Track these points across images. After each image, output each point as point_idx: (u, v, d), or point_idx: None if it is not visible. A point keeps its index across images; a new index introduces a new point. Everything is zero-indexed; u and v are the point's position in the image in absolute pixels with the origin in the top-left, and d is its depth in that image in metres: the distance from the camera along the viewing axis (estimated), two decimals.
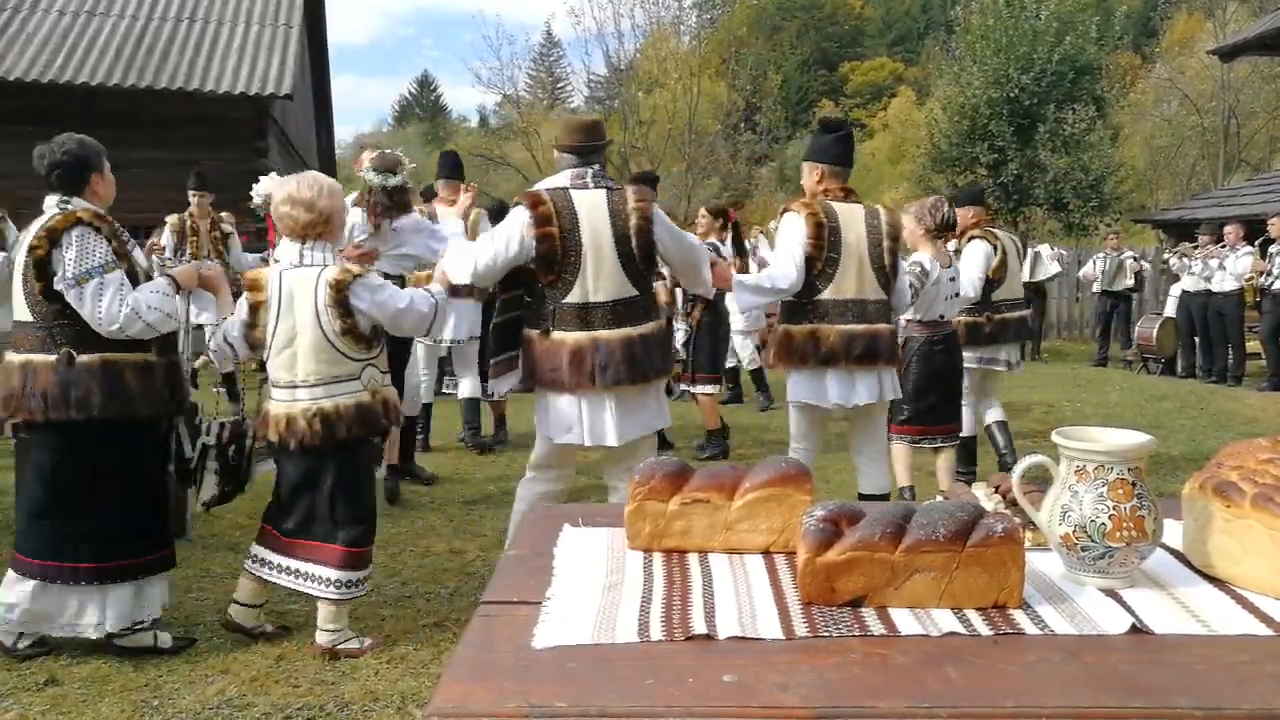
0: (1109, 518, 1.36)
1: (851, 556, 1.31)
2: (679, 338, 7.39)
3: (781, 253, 4.27)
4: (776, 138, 28.28)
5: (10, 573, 3.46)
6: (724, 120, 25.78)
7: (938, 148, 20.14)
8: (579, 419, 3.77)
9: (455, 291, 3.91)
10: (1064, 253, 14.01)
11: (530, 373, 3.84)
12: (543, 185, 3.91)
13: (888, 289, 4.33)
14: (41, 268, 3.31)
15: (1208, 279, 11.34)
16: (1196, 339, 11.96)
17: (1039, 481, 1.63)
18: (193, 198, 8.50)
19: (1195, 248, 11.80)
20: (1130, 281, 13.08)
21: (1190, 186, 29.60)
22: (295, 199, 3.45)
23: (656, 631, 1.24)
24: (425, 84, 62.40)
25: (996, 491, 1.72)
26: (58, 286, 3.31)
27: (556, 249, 3.68)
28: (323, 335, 3.40)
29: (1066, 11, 19.16)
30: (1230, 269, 11.16)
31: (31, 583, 3.41)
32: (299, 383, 3.43)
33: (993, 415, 6.45)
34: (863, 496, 4.52)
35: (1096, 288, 13.64)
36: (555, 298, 3.73)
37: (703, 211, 7.94)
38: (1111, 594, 1.37)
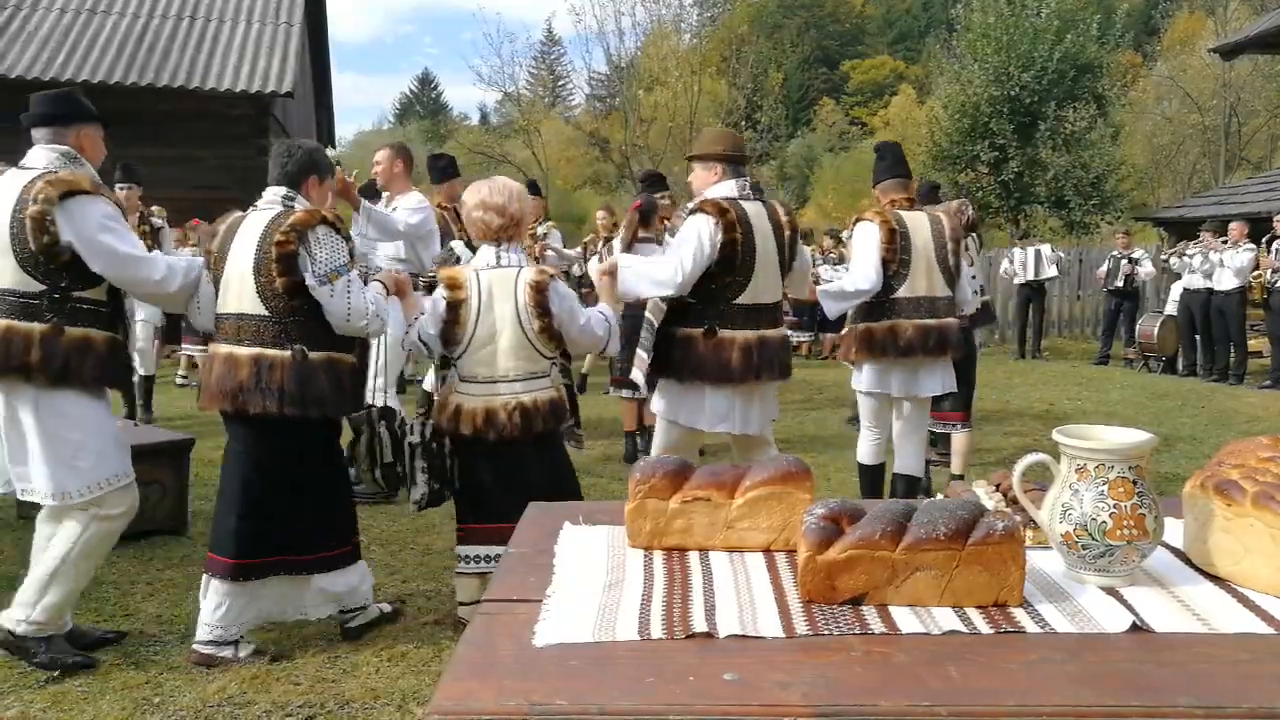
0: (1110, 516, 1.36)
1: (852, 555, 1.31)
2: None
3: (859, 259, 4.71)
4: (777, 136, 28.30)
5: (214, 581, 3.43)
6: (725, 118, 25.79)
7: (939, 146, 20.17)
8: (734, 410, 4.14)
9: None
10: (1063, 255, 13.95)
11: (690, 368, 4.08)
12: (713, 194, 4.12)
13: (952, 286, 4.81)
14: (289, 262, 3.33)
15: (1208, 275, 11.32)
16: (1198, 337, 11.96)
17: (1040, 480, 1.63)
18: (120, 191, 7.97)
19: (1196, 243, 11.79)
20: (1119, 283, 13.05)
21: (1191, 185, 29.59)
22: (488, 204, 3.60)
23: (657, 630, 1.24)
24: (426, 82, 62.39)
25: (997, 490, 1.72)
26: (309, 282, 3.34)
27: (737, 254, 4.01)
28: (522, 333, 3.53)
29: (1067, 10, 19.18)
30: (1229, 264, 11.14)
31: (248, 583, 3.44)
32: (498, 378, 3.55)
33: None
34: (897, 476, 4.97)
35: (1103, 285, 13.61)
36: (726, 298, 4.06)
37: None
38: (1112, 592, 1.37)
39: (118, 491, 3.42)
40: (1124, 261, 12.94)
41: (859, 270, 4.67)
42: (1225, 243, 11.29)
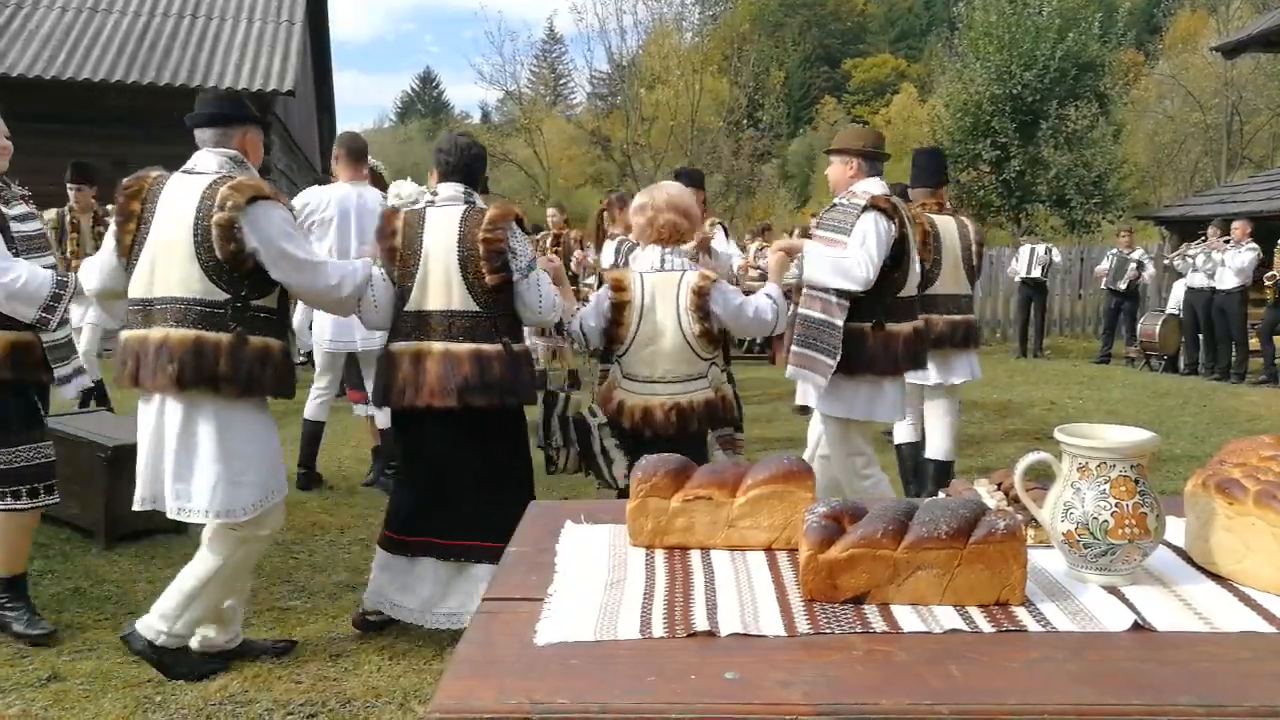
0: (1111, 515, 1.36)
1: (854, 553, 1.31)
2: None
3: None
4: (779, 134, 28.30)
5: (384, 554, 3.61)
6: (726, 117, 25.79)
7: (940, 144, 20.12)
8: (901, 399, 4.37)
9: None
10: (1056, 258, 13.83)
11: (863, 363, 4.14)
12: (874, 190, 4.20)
13: (972, 285, 5.35)
14: (500, 258, 3.43)
15: (1211, 274, 11.31)
16: (1200, 336, 11.95)
17: (1041, 478, 1.63)
18: (71, 191, 7.91)
19: (1200, 243, 11.78)
20: (1123, 286, 13.05)
21: (1193, 183, 29.58)
22: (676, 205, 3.70)
23: (658, 628, 1.24)
24: (427, 80, 62.41)
25: (999, 488, 1.72)
26: (515, 277, 3.44)
27: (906, 249, 4.21)
28: (682, 337, 3.61)
29: (1069, 8, 19.16)
30: (1230, 264, 11.12)
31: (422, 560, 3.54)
32: (657, 379, 3.63)
33: None
34: (931, 461, 5.38)
35: (1104, 284, 13.60)
36: (892, 292, 4.19)
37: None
38: (1114, 591, 1.37)
39: (275, 508, 3.37)
40: (1131, 266, 12.94)
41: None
42: (1228, 242, 11.28)
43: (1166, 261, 13.33)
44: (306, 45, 17.39)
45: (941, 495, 1.70)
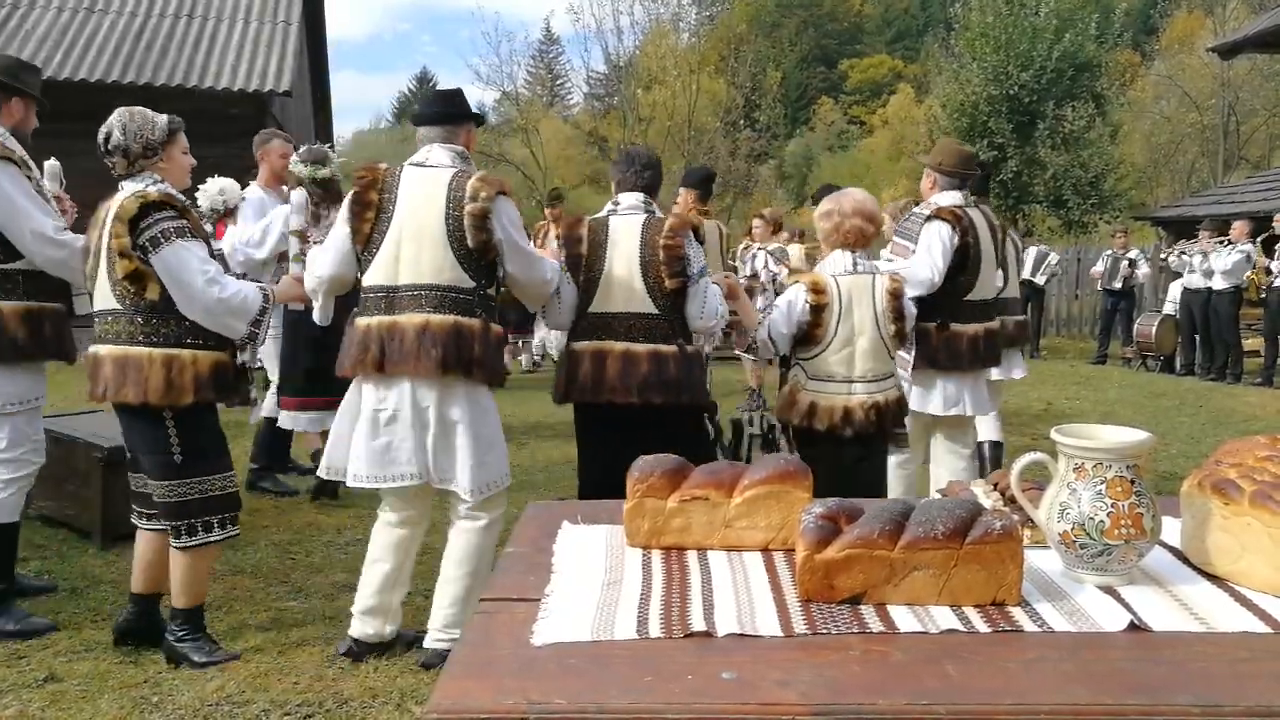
0: (1107, 515, 1.36)
1: (850, 554, 1.31)
2: None
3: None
4: (776, 135, 28.29)
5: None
6: (723, 117, 25.78)
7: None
8: (962, 394, 4.67)
9: None
10: (1053, 260, 13.82)
11: (928, 359, 4.57)
12: (944, 202, 4.69)
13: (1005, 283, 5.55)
14: (681, 264, 3.60)
15: (1208, 274, 11.32)
16: (1196, 336, 11.96)
17: (1038, 479, 1.63)
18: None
19: (1194, 242, 11.79)
20: (1118, 285, 13.06)
21: (1190, 184, 29.60)
22: (862, 211, 3.81)
23: (655, 629, 1.24)
24: (424, 80, 62.33)
25: (995, 489, 1.72)
26: (690, 283, 3.62)
27: (969, 256, 4.60)
28: (879, 336, 3.75)
29: (1066, 9, 19.16)
30: (1216, 266, 11.12)
31: None
32: (855, 378, 3.74)
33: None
34: (986, 442, 5.83)
35: (1100, 285, 13.62)
36: (958, 295, 4.62)
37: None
38: (1110, 591, 1.38)
39: (502, 492, 3.52)
40: (1124, 263, 12.94)
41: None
42: (1221, 242, 11.29)
43: (1164, 257, 13.33)
44: (303, 45, 17.38)
45: (937, 495, 1.71)
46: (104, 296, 3.28)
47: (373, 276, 3.34)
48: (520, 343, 11.06)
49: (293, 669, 3.41)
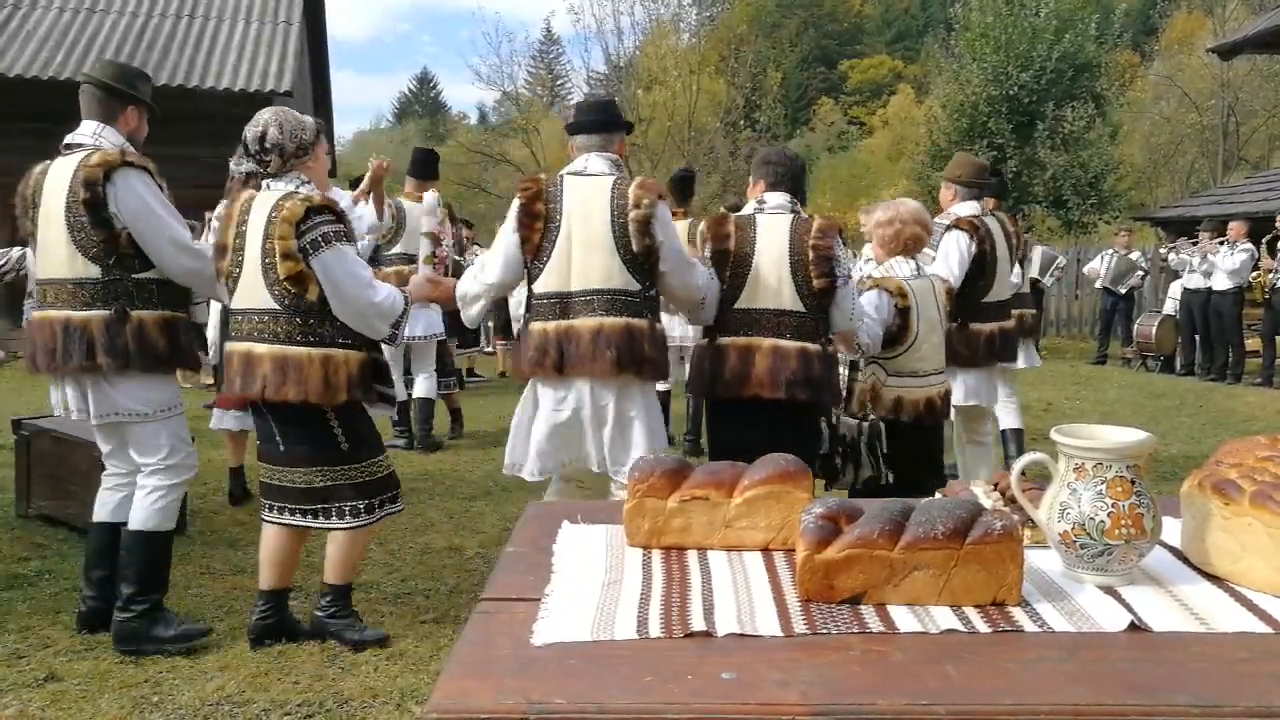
0: (1108, 515, 1.36)
1: (850, 554, 1.31)
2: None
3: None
4: (776, 135, 28.24)
5: None
6: (723, 118, 25.74)
7: (937, 145, 20.14)
8: (980, 386, 5.17)
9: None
10: (1060, 264, 13.81)
11: (949, 354, 4.62)
12: (963, 212, 5.15)
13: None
14: (830, 264, 3.76)
15: (1208, 275, 11.32)
16: (1196, 337, 11.96)
17: (1038, 479, 1.63)
18: None
19: (1194, 243, 11.79)
20: (1122, 291, 13.09)
21: (1189, 184, 29.57)
22: (921, 220, 4.13)
23: (655, 629, 1.24)
24: (425, 81, 62.35)
25: (995, 489, 1.72)
26: (838, 283, 3.77)
27: (986, 262, 5.10)
28: (942, 333, 4.19)
29: (1066, 9, 19.15)
30: (1221, 266, 11.12)
31: None
32: (931, 371, 4.11)
33: None
34: (1009, 430, 6.22)
35: (1099, 284, 13.60)
36: (976, 297, 5.11)
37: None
38: (1110, 591, 1.38)
39: None
40: (1138, 274, 12.99)
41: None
42: (1222, 242, 11.29)
43: (1165, 255, 13.32)
44: (303, 45, 17.38)
45: (939, 496, 1.71)
46: (254, 295, 3.32)
47: (544, 284, 3.52)
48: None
49: (293, 669, 3.41)
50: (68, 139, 3.55)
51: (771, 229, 3.78)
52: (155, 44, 14.38)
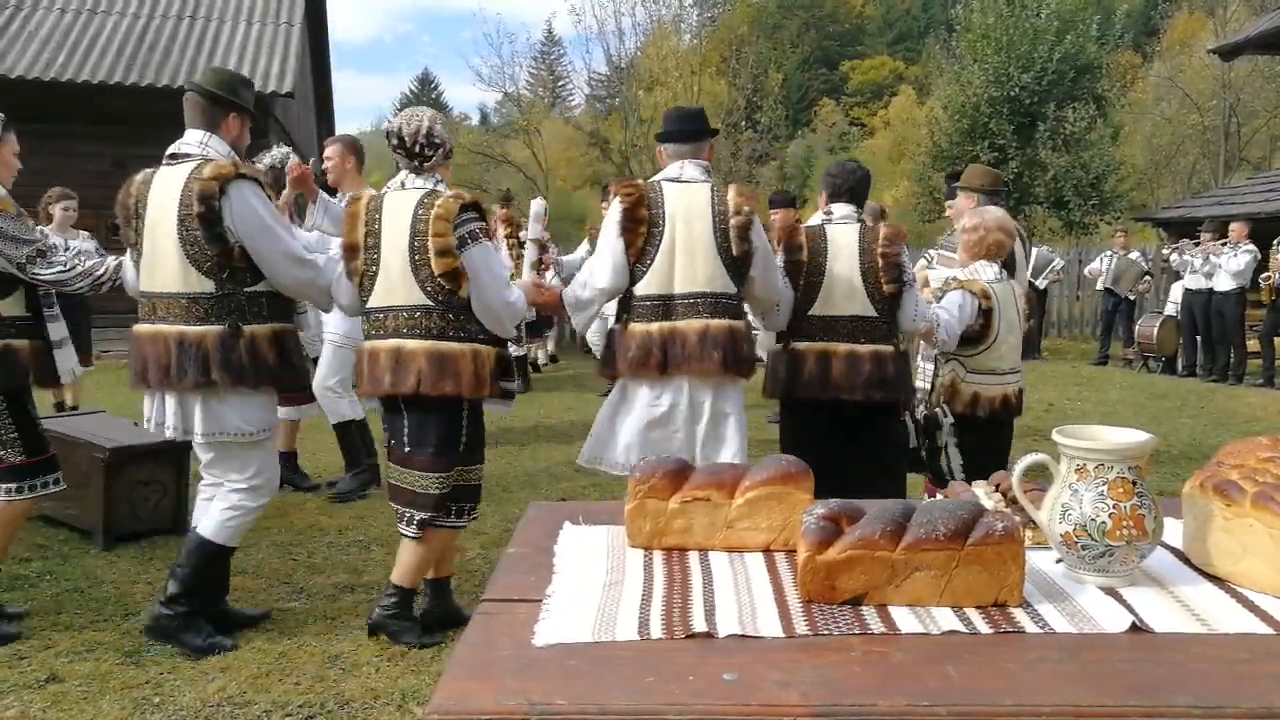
0: (1109, 516, 1.36)
1: (852, 555, 1.31)
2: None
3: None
4: (777, 136, 28.23)
5: None
6: (725, 119, 25.71)
7: (938, 146, 20.16)
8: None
9: None
10: (1059, 268, 13.79)
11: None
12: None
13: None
14: (900, 270, 3.93)
15: (1209, 276, 11.31)
16: (1198, 338, 11.95)
17: (1039, 480, 1.63)
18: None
19: (1195, 244, 11.78)
20: (1132, 296, 13.14)
21: (1191, 185, 29.57)
22: (1004, 227, 4.24)
23: (657, 629, 1.24)
24: (426, 82, 62.30)
25: (997, 490, 1.72)
26: (905, 288, 3.93)
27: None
28: (1020, 335, 4.33)
29: (1067, 10, 19.15)
30: (1226, 267, 11.12)
31: None
32: (1007, 370, 4.26)
33: None
34: None
35: (1100, 285, 13.60)
36: None
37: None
38: (1111, 592, 1.38)
39: None
40: (1146, 279, 13.04)
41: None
42: (1224, 244, 11.28)
43: (1167, 255, 13.31)
44: (305, 47, 17.40)
45: (940, 497, 1.71)
46: (400, 292, 3.34)
47: (647, 286, 3.63)
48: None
49: (294, 669, 3.41)
50: (171, 149, 3.49)
51: (841, 238, 3.97)
52: (156, 45, 14.39)
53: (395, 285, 3.35)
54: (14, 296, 3.55)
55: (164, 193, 3.38)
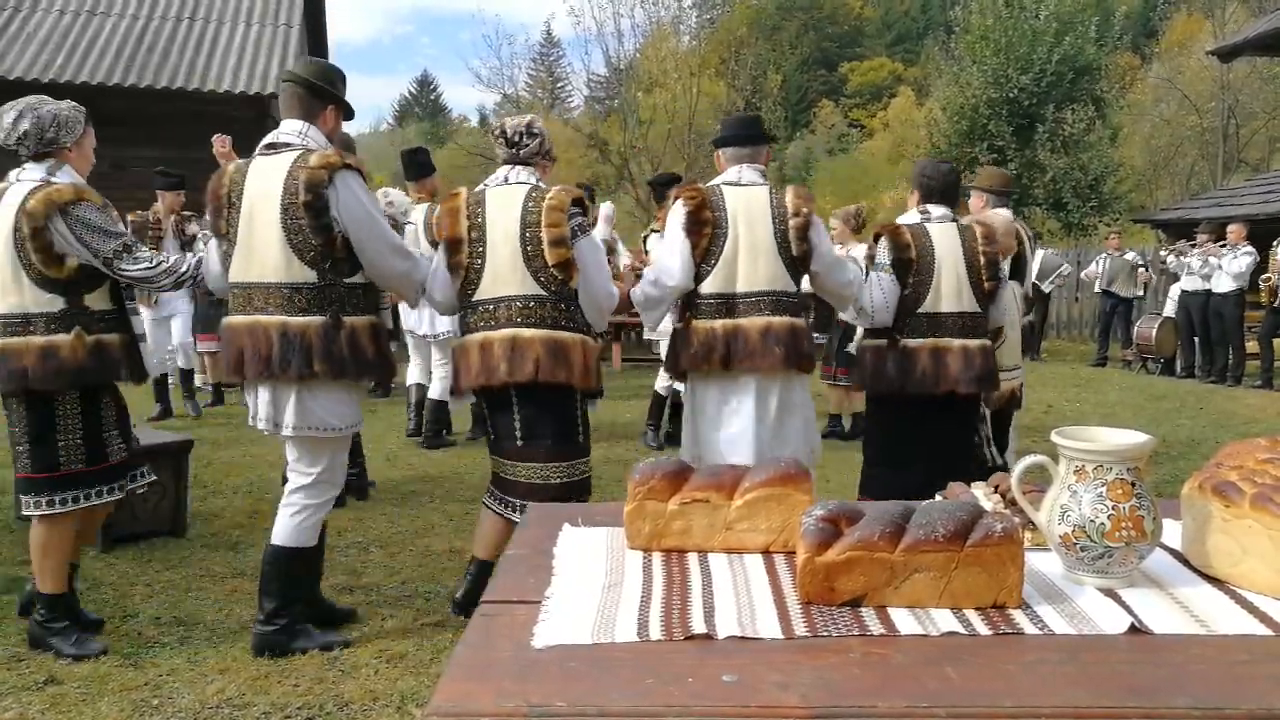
0: (1108, 518, 1.36)
1: (851, 556, 1.31)
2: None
3: None
4: (776, 137, 28.20)
5: None
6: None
7: (937, 148, 20.15)
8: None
9: None
10: (1065, 271, 13.77)
11: None
12: (983, 219, 5.18)
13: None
14: (996, 268, 4.23)
15: (1206, 277, 11.32)
16: (1196, 339, 11.96)
17: (1038, 481, 1.63)
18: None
19: (1193, 245, 11.79)
20: (1140, 291, 13.16)
21: (1189, 187, 29.58)
22: (1010, 230, 4.56)
23: (656, 631, 1.24)
24: (425, 83, 62.33)
25: (996, 491, 1.72)
26: (1002, 286, 4.26)
27: (1016, 261, 5.27)
28: (1019, 333, 4.74)
29: (1066, 12, 19.17)
30: (1227, 269, 11.13)
31: None
32: (1011, 366, 4.57)
33: None
34: None
35: (1098, 287, 13.62)
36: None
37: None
38: (1110, 594, 1.38)
39: None
40: (1141, 270, 13.00)
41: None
42: (1224, 245, 11.29)
43: (1165, 256, 13.32)
44: (304, 48, 17.39)
45: (939, 498, 1.71)
46: (512, 283, 3.44)
47: (711, 285, 3.77)
48: None
49: (293, 671, 3.41)
50: (268, 139, 3.46)
51: (943, 237, 4.16)
52: (155, 46, 14.39)
53: (505, 276, 3.44)
54: (100, 290, 3.47)
55: (264, 182, 3.32)
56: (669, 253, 3.83)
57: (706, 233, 3.74)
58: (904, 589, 1.32)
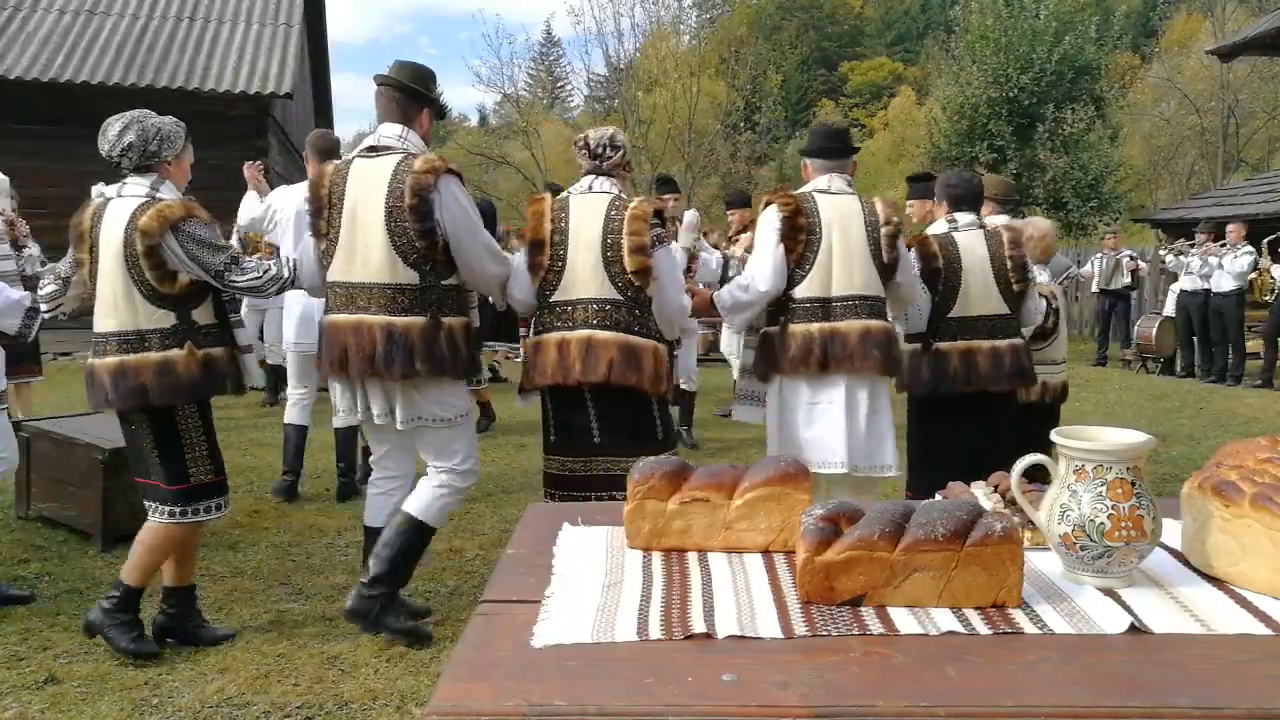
0: (1108, 517, 1.36)
1: (850, 556, 1.31)
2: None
3: None
4: (776, 137, 28.28)
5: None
6: (724, 120, 25.76)
7: (937, 147, 20.14)
8: None
9: None
10: (1074, 269, 13.76)
11: None
12: (993, 221, 5.15)
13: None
14: (1022, 270, 4.33)
15: (1206, 277, 11.32)
16: (1195, 338, 11.96)
17: (1038, 481, 1.63)
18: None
19: (1192, 245, 11.80)
20: (1127, 279, 13.07)
21: (1189, 186, 29.59)
22: (1049, 233, 4.81)
23: (655, 630, 1.24)
24: None
25: (996, 491, 1.72)
26: (1031, 287, 4.39)
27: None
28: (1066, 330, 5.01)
29: (1066, 11, 19.15)
30: (1228, 268, 11.14)
31: None
32: (1062, 360, 4.99)
33: None
34: None
35: (1095, 287, 13.63)
36: None
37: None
38: (1110, 593, 1.38)
39: None
40: (1124, 260, 12.95)
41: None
42: (1223, 245, 11.29)
43: (1165, 255, 13.31)
44: (304, 48, 17.39)
45: (939, 497, 1.71)
46: (590, 286, 3.49)
47: (807, 289, 3.84)
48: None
49: (293, 671, 3.41)
50: (369, 141, 3.51)
51: (971, 244, 4.29)
52: (155, 46, 14.39)
53: (584, 279, 3.50)
54: (205, 305, 3.49)
55: (367, 184, 3.39)
56: (759, 258, 3.91)
57: (802, 239, 3.83)
58: (904, 588, 1.32)
